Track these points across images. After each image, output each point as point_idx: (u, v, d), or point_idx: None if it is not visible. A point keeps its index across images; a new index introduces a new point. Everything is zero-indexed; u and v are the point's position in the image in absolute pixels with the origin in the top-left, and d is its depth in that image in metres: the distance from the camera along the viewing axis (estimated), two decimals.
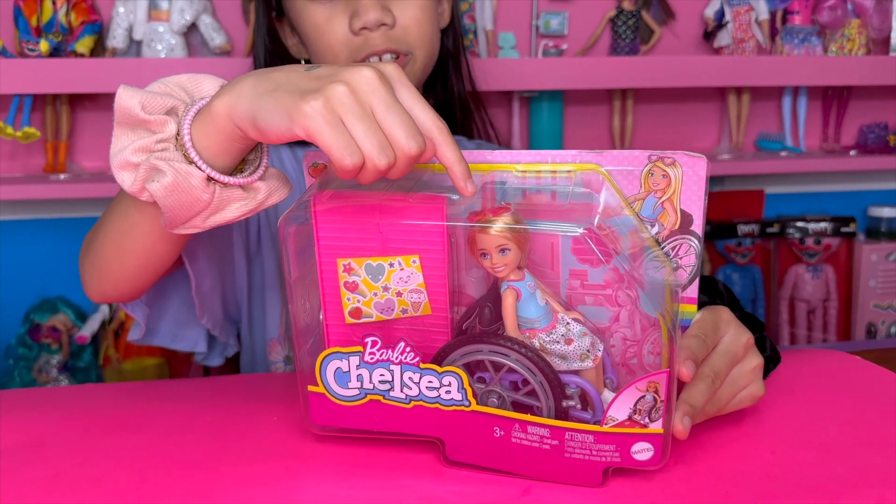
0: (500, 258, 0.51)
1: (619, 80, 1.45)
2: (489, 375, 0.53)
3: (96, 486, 0.54)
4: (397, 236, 0.52)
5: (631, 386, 0.50)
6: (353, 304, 0.54)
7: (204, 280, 0.74)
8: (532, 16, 1.54)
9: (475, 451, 0.53)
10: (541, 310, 0.52)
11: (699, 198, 0.52)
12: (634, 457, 0.51)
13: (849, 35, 1.60)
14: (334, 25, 0.83)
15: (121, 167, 0.52)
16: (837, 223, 1.67)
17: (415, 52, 0.85)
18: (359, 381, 0.54)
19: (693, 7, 1.59)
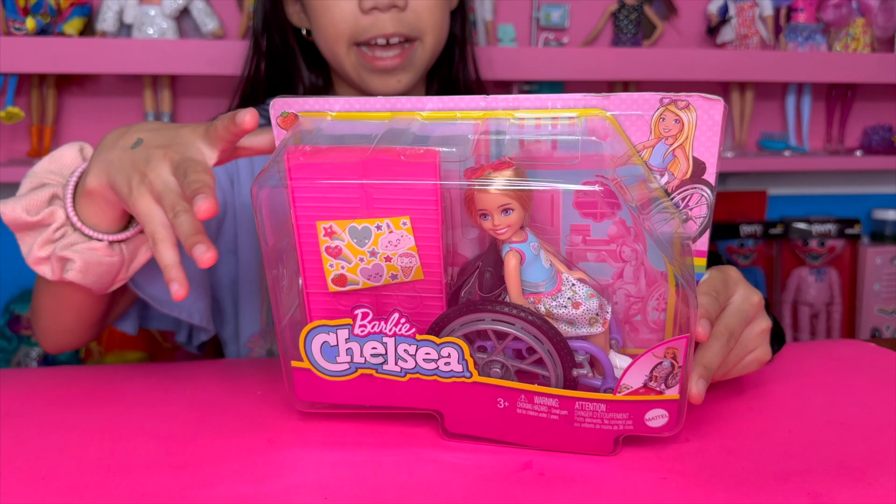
0: (503, 219, 0.46)
1: (620, 72, 1.42)
2: (491, 344, 0.49)
3: (61, 454, 0.50)
4: (385, 196, 0.46)
5: (648, 353, 0.46)
6: (336, 270, 0.48)
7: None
8: (533, 8, 1.51)
9: (477, 422, 0.49)
10: (546, 272, 0.48)
11: (714, 144, 0.48)
12: (648, 424, 0.47)
13: (853, 34, 1.57)
14: (342, 2, 0.79)
15: (35, 264, 0.58)
16: (842, 225, 1.63)
17: (424, 37, 0.82)
18: (348, 354, 0.49)
19: (696, 2, 1.57)
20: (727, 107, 0.48)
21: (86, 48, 1.24)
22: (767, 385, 0.61)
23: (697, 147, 0.48)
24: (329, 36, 0.81)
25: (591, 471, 0.47)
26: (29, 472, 0.48)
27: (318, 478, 0.46)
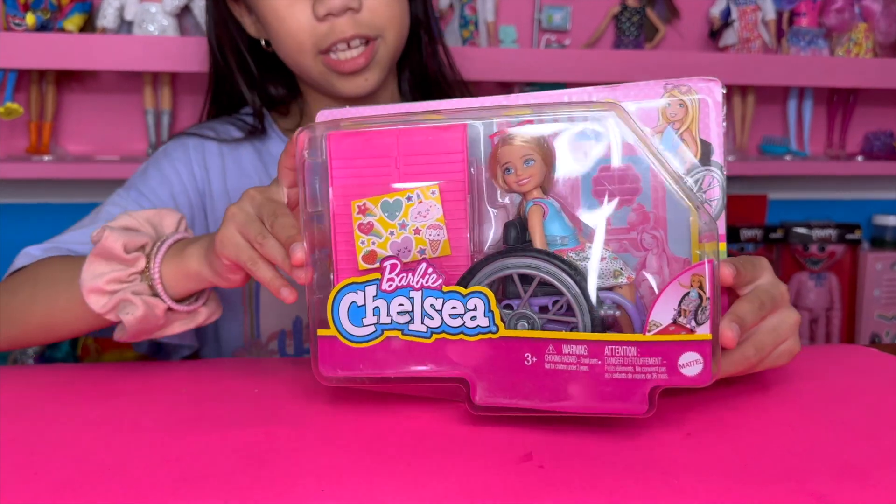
0: (526, 169, 0.49)
1: (622, 74, 1.42)
2: (517, 302, 0.49)
3: (58, 450, 0.49)
4: (415, 165, 0.50)
5: (673, 282, 0.46)
6: (367, 247, 0.50)
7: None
8: (534, 9, 1.51)
9: (504, 386, 0.48)
10: (568, 229, 0.50)
11: (717, 124, 0.50)
12: (682, 371, 0.46)
13: (855, 39, 1.57)
14: (296, 11, 0.77)
15: (92, 292, 0.61)
16: (842, 230, 1.63)
17: (385, 34, 0.79)
18: (375, 315, 0.49)
19: (698, 6, 1.57)
20: (724, 87, 0.50)
21: (86, 44, 1.24)
22: (769, 387, 0.60)
23: (703, 129, 0.50)
24: (291, 48, 0.79)
25: (591, 463, 0.46)
26: (25, 468, 0.47)
27: (315, 470, 0.46)
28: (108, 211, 0.79)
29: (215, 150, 0.85)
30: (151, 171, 0.84)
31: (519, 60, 1.37)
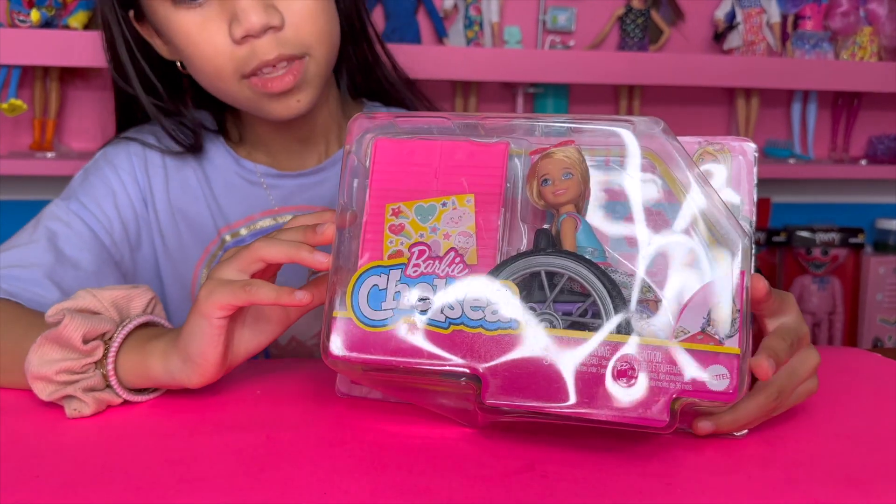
0: (563, 182, 0.50)
1: (627, 76, 1.42)
2: (540, 306, 0.48)
3: (56, 453, 0.49)
4: (454, 176, 0.51)
5: (704, 289, 0.46)
6: (395, 246, 0.50)
7: None
8: (539, 10, 1.51)
9: (518, 385, 0.46)
10: (599, 245, 0.50)
11: (748, 181, 0.52)
12: (708, 385, 0.44)
13: (860, 42, 1.57)
14: (211, 34, 0.67)
15: (38, 379, 0.54)
16: (845, 234, 1.63)
17: (312, 51, 0.69)
18: (395, 300, 0.48)
19: (703, 8, 1.57)
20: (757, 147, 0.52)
21: (90, 41, 1.23)
22: None
23: (733, 185, 0.52)
24: (209, 75, 0.70)
25: (594, 473, 0.46)
26: (25, 469, 0.47)
27: (315, 477, 0.46)
28: (52, 229, 0.72)
29: (157, 160, 0.79)
30: (94, 179, 0.77)
31: (523, 61, 1.37)
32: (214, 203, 0.79)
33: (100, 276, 0.72)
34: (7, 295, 0.66)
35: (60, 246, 0.71)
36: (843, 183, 1.72)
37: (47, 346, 0.54)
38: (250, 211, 0.79)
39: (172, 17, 0.68)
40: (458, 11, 1.46)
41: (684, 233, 0.49)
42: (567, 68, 1.38)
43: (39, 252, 0.70)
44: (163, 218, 0.78)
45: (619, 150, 0.51)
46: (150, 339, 0.55)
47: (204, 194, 0.79)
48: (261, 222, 0.79)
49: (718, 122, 1.65)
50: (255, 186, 0.79)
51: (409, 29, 1.41)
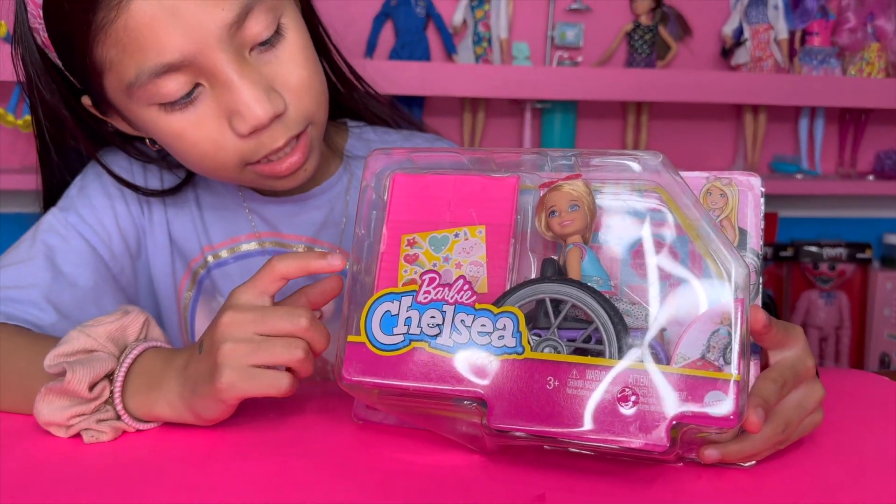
0: (570, 213, 0.52)
1: (634, 92, 1.43)
2: (545, 332, 0.49)
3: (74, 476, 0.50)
4: (467, 208, 0.53)
5: (703, 317, 0.47)
6: (409, 275, 0.52)
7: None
8: (548, 26, 1.52)
9: (523, 409, 0.48)
10: (604, 274, 0.51)
11: (755, 214, 0.53)
12: (708, 410, 0.45)
13: (868, 58, 1.57)
14: (209, 132, 0.62)
15: (50, 424, 0.55)
16: (853, 249, 1.63)
17: (314, 118, 0.66)
18: (406, 325, 0.50)
19: (711, 24, 1.57)
20: (764, 181, 0.54)
21: None
22: None
23: (741, 218, 0.54)
24: (208, 168, 0.66)
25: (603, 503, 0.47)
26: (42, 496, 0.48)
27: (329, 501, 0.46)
28: (48, 242, 0.70)
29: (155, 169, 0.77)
30: (92, 190, 0.74)
31: (531, 78, 1.38)
32: (201, 222, 0.77)
33: (97, 293, 0.71)
34: (5, 318, 0.65)
35: (58, 263, 0.69)
36: (850, 198, 1.72)
37: (52, 396, 0.54)
38: (233, 233, 0.77)
39: (161, 120, 0.62)
40: (466, 28, 1.47)
41: (690, 264, 0.50)
42: (575, 85, 1.39)
43: (36, 270, 0.68)
44: (157, 226, 0.77)
45: (629, 185, 0.53)
46: (151, 383, 0.55)
47: (192, 210, 0.77)
48: (245, 245, 0.78)
49: (726, 137, 1.65)
50: (238, 210, 0.77)
51: (418, 45, 1.42)
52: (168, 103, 0.61)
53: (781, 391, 0.51)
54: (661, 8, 1.52)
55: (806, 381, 0.53)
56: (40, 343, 0.60)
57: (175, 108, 0.61)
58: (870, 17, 1.58)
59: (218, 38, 0.58)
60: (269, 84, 0.62)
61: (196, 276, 0.78)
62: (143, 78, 0.59)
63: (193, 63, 0.59)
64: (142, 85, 0.59)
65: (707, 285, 0.49)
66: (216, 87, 0.61)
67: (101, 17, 0.57)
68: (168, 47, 0.58)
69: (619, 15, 1.53)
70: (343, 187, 0.79)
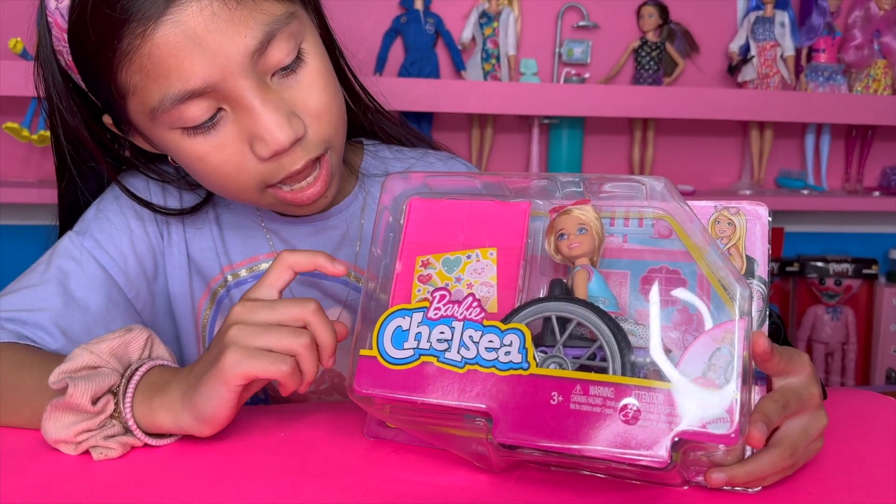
0: (577, 236, 0.53)
1: (641, 109, 1.44)
2: (551, 349, 0.51)
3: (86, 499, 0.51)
4: (480, 231, 0.55)
5: (705, 335, 0.48)
6: (422, 294, 0.54)
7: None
8: (555, 43, 1.53)
9: (527, 423, 0.49)
10: (611, 296, 0.53)
11: (763, 243, 0.54)
12: (708, 427, 0.46)
13: (874, 75, 1.58)
14: (230, 155, 0.63)
15: (59, 442, 0.56)
16: (859, 264, 1.63)
17: (332, 142, 0.67)
18: (416, 340, 0.52)
19: (718, 41, 1.59)
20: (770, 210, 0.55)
21: None
22: None
23: (749, 246, 0.55)
24: (227, 191, 0.67)
25: None
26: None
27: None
28: (63, 267, 0.72)
29: (174, 191, 0.78)
30: (109, 214, 0.75)
31: (539, 94, 1.40)
32: (221, 242, 0.78)
33: (108, 318, 0.71)
34: (15, 338, 0.67)
35: (70, 287, 0.70)
36: (856, 213, 1.72)
37: (58, 413, 0.55)
38: (252, 253, 0.78)
39: (183, 143, 0.63)
40: (475, 45, 1.49)
41: (698, 289, 0.51)
42: (582, 101, 1.41)
43: (48, 295, 0.70)
44: (175, 247, 0.77)
45: (638, 212, 0.54)
46: (155, 391, 0.57)
47: (212, 231, 0.78)
48: (263, 265, 0.78)
49: (732, 152, 1.66)
50: (257, 229, 0.78)
51: (427, 62, 1.44)
52: (191, 127, 0.62)
53: (784, 411, 0.51)
54: (668, 25, 1.53)
55: (811, 409, 0.54)
56: (49, 362, 0.60)
57: (198, 133, 0.62)
58: (876, 35, 1.59)
59: (241, 66, 0.60)
60: (290, 109, 0.62)
61: (216, 296, 0.79)
62: (166, 104, 0.60)
63: (217, 89, 0.60)
64: (165, 110, 0.60)
65: (714, 309, 0.50)
66: (238, 112, 0.62)
67: (126, 45, 0.58)
68: (192, 75, 0.59)
69: (626, 32, 1.54)
70: (359, 206, 0.80)
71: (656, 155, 1.60)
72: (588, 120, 1.55)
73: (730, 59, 1.58)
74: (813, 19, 1.55)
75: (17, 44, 1.22)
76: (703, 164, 1.64)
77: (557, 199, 0.55)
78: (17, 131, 1.26)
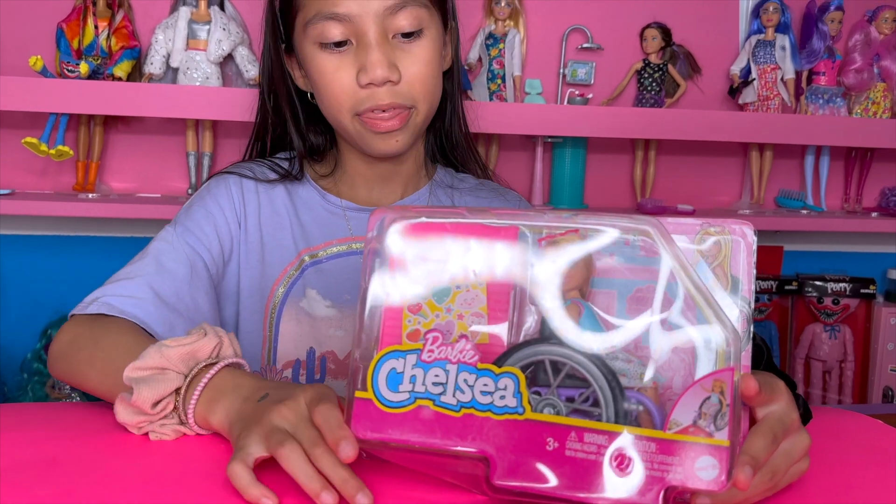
0: (567, 269, 0.54)
1: (643, 131, 1.47)
2: (546, 390, 0.52)
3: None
4: (468, 262, 0.55)
5: (696, 385, 0.49)
6: (413, 325, 0.54)
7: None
8: (560, 64, 1.57)
9: (524, 469, 0.51)
10: (601, 329, 0.53)
11: (748, 263, 0.54)
12: (698, 474, 0.48)
13: (874, 98, 1.61)
14: (342, 76, 0.83)
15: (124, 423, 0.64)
16: (857, 284, 1.66)
17: (418, 105, 0.85)
18: (411, 382, 0.53)
19: (719, 63, 1.61)
20: (756, 230, 0.55)
21: (135, 93, 1.31)
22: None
23: (734, 266, 0.54)
24: (332, 107, 0.86)
25: None
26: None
27: None
28: (157, 247, 0.86)
29: (252, 188, 0.93)
30: (196, 207, 0.91)
31: (544, 115, 1.43)
32: (300, 229, 0.92)
33: (192, 285, 0.84)
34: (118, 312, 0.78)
35: (162, 260, 0.84)
36: (854, 233, 1.75)
37: (124, 404, 0.64)
38: (329, 237, 0.92)
39: (316, 56, 0.84)
40: (481, 65, 1.52)
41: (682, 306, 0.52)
42: (585, 122, 1.44)
43: (143, 266, 0.83)
44: (252, 238, 0.91)
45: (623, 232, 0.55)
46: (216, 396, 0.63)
47: (290, 222, 0.92)
48: (336, 247, 0.91)
49: (733, 172, 1.69)
50: (336, 217, 0.93)
51: None
52: (325, 44, 0.83)
53: (773, 445, 0.53)
54: (670, 47, 1.56)
55: (793, 432, 0.56)
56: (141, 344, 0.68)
57: (327, 50, 0.83)
58: (876, 58, 1.62)
59: (375, 13, 0.82)
60: (394, 60, 0.82)
61: (290, 279, 0.91)
62: (317, 18, 0.83)
63: (352, 21, 0.82)
64: (314, 24, 0.83)
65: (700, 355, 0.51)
66: (359, 46, 0.82)
67: None
68: (342, 5, 0.82)
69: (629, 53, 1.57)
70: (424, 202, 0.95)
71: (657, 174, 1.63)
72: (591, 139, 1.58)
73: (731, 81, 1.60)
74: (813, 43, 1.58)
75: (38, 61, 1.25)
76: (704, 183, 1.67)
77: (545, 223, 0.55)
78: (36, 146, 1.30)
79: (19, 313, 1.48)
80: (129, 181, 1.49)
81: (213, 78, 1.39)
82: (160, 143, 1.49)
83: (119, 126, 1.47)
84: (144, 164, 1.49)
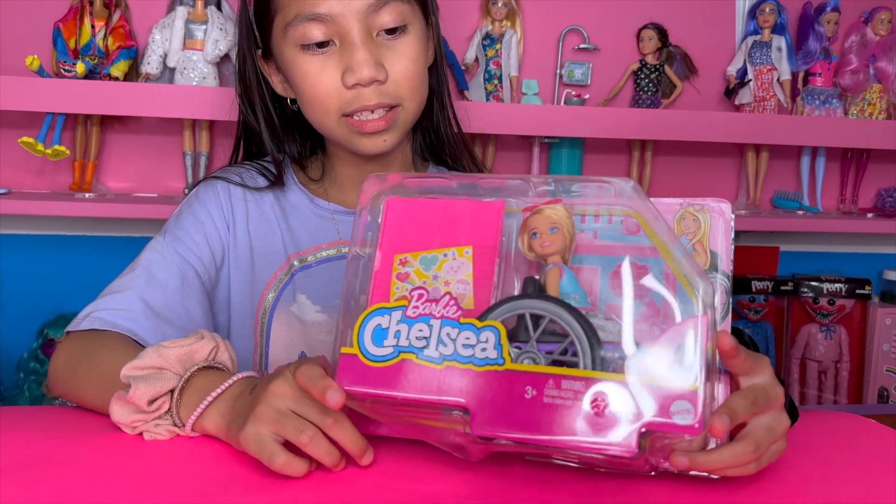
0: (549, 235, 0.56)
1: (639, 131, 1.47)
2: (525, 345, 0.53)
3: None
4: (456, 230, 0.58)
5: (672, 330, 0.50)
6: (400, 292, 0.56)
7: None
8: (556, 65, 1.57)
9: (503, 417, 0.51)
10: (582, 292, 0.55)
11: (726, 238, 0.57)
12: (674, 418, 0.49)
13: (870, 99, 1.61)
14: (326, 78, 0.82)
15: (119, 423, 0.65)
16: (852, 284, 1.66)
17: (405, 103, 0.84)
18: (395, 337, 0.54)
19: (716, 64, 1.62)
20: (733, 207, 0.58)
21: (132, 93, 1.31)
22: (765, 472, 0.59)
23: (713, 242, 0.57)
24: (317, 110, 0.84)
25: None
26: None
27: None
28: (147, 258, 0.85)
29: (240, 194, 0.92)
30: (185, 215, 0.90)
31: (540, 116, 1.43)
32: (289, 234, 0.91)
33: (184, 295, 0.84)
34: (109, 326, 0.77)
35: (152, 271, 0.83)
36: (850, 234, 1.75)
37: (120, 402, 0.64)
38: (318, 241, 0.91)
39: (298, 59, 0.83)
40: (478, 65, 1.52)
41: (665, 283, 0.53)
42: (582, 123, 1.44)
43: (134, 278, 0.83)
44: (241, 243, 0.90)
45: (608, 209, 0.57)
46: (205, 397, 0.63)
47: (280, 227, 0.91)
48: (325, 251, 0.91)
49: (728, 174, 1.69)
50: (325, 221, 0.91)
51: None
52: (307, 45, 0.81)
53: (752, 407, 0.54)
54: (667, 48, 1.57)
55: (777, 407, 0.57)
56: (133, 356, 0.68)
57: (310, 52, 0.82)
58: (872, 59, 1.62)
59: (358, 11, 0.80)
60: (379, 59, 0.81)
61: (280, 283, 0.90)
62: (297, 20, 0.80)
63: (335, 22, 0.80)
64: (294, 26, 0.81)
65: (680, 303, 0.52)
66: (343, 46, 0.81)
67: None
68: (323, 5, 0.79)
69: (626, 54, 1.58)
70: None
71: (654, 174, 1.63)
72: (587, 140, 1.58)
73: (727, 82, 1.61)
74: (809, 44, 1.59)
75: (34, 61, 1.25)
76: (700, 184, 1.67)
77: (530, 198, 0.58)
78: (32, 145, 1.30)
79: (16, 313, 1.48)
80: (126, 181, 1.49)
81: (209, 78, 1.39)
82: (157, 143, 1.49)
83: (116, 126, 1.47)
84: (141, 163, 1.49)
